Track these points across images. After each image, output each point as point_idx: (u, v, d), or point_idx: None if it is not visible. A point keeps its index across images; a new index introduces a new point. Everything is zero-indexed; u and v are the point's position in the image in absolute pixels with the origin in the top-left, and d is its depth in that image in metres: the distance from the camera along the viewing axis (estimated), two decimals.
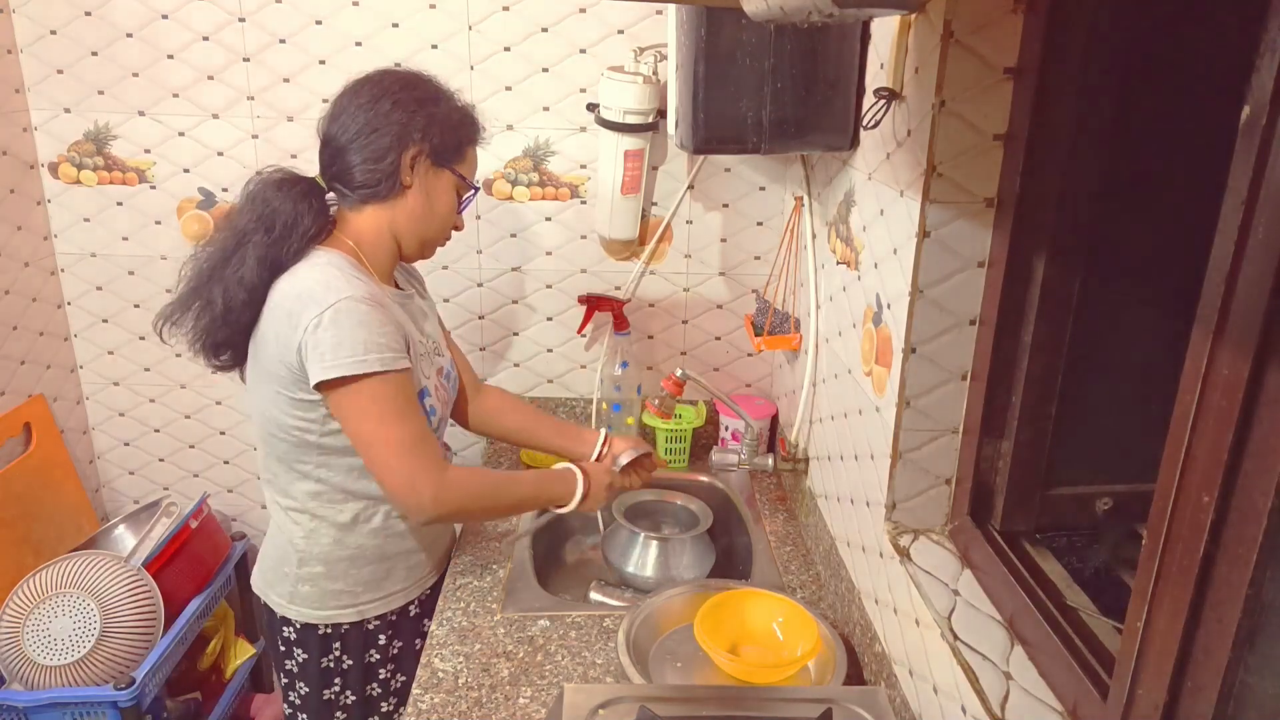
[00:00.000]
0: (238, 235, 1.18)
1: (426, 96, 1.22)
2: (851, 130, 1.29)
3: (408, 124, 1.19)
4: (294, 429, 1.20)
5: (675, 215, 1.83)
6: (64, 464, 1.87)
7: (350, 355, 1.11)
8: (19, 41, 1.71)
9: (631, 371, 1.84)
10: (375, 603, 1.32)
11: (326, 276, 1.14)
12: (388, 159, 1.19)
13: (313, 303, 1.11)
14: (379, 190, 1.21)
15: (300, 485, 1.25)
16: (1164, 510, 0.60)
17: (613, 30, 1.69)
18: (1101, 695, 0.74)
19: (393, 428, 1.15)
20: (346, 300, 1.11)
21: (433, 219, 1.26)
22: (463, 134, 1.25)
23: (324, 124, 1.22)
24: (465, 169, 1.27)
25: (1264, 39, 0.50)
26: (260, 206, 1.18)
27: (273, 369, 1.16)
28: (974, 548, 1.03)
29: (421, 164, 1.21)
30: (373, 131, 1.18)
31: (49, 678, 1.52)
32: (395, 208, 1.23)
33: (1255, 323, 0.51)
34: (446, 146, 1.23)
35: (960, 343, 1.04)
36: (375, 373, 1.12)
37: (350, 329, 1.11)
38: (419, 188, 1.22)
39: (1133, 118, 0.87)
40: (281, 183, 1.20)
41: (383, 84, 1.20)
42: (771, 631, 1.23)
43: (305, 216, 1.18)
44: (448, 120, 1.22)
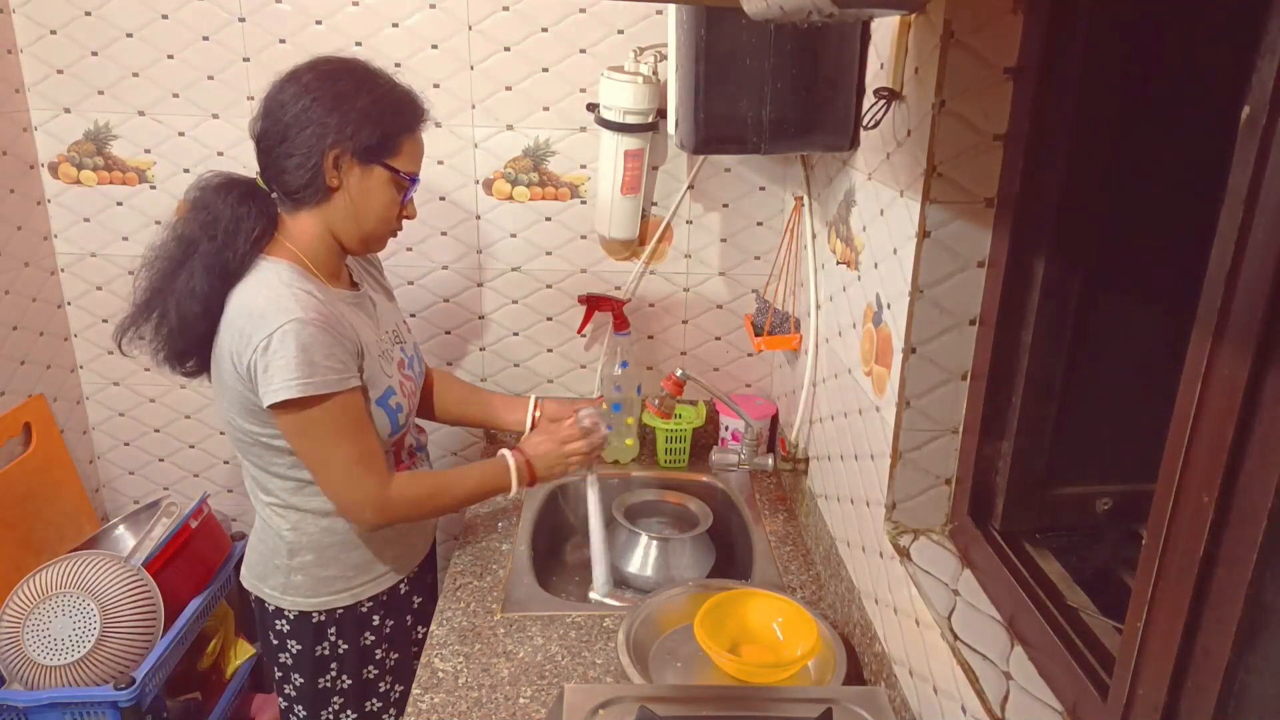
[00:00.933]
0: (184, 244, 1.18)
1: (345, 90, 1.16)
2: (851, 130, 1.29)
3: (325, 123, 1.14)
4: (260, 435, 1.22)
5: (675, 215, 1.83)
6: (64, 464, 1.86)
7: (296, 378, 1.12)
8: (19, 41, 1.70)
9: (631, 371, 1.84)
10: (368, 584, 1.34)
11: (276, 294, 1.14)
12: (310, 161, 1.16)
13: (263, 323, 1.12)
14: (307, 194, 1.19)
15: (278, 483, 1.27)
16: (1164, 510, 0.60)
17: (613, 30, 1.69)
18: (1101, 695, 0.74)
19: (335, 448, 1.18)
20: (293, 322, 1.11)
21: (368, 216, 1.22)
22: (391, 125, 1.19)
23: (253, 123, 1.19)
24: (400, 161, 1.21)
25: (1264, 39, 0.50)
26: (202, 213, 1.18)
27: (231, 383, 1.18)
28: (974, 548, 1.03)
29: (346, 163, 1.17)
30: (297, 133, 1.15)
31: (49, 678, 1.52)
32: (327, 210, 1.20)
33: (1255, 323, 0.51)
34: (371, 142, 1.17)
35: (960, 343, 1.04)
36: (319, 395, 1.13)
37: (296, 352, 1.11)
38: (347, 188, 1.19)
39: (1132, 118, 0.87)
40: (221, 187, 1.19)
41: (302, 79, 1.16)
42: (771, 632, 1.23)
43: (247, 219, 1.17)
44: (369, 114, 1.16)
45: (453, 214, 1.81)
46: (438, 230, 1.82)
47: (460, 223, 1.82)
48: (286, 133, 1.15)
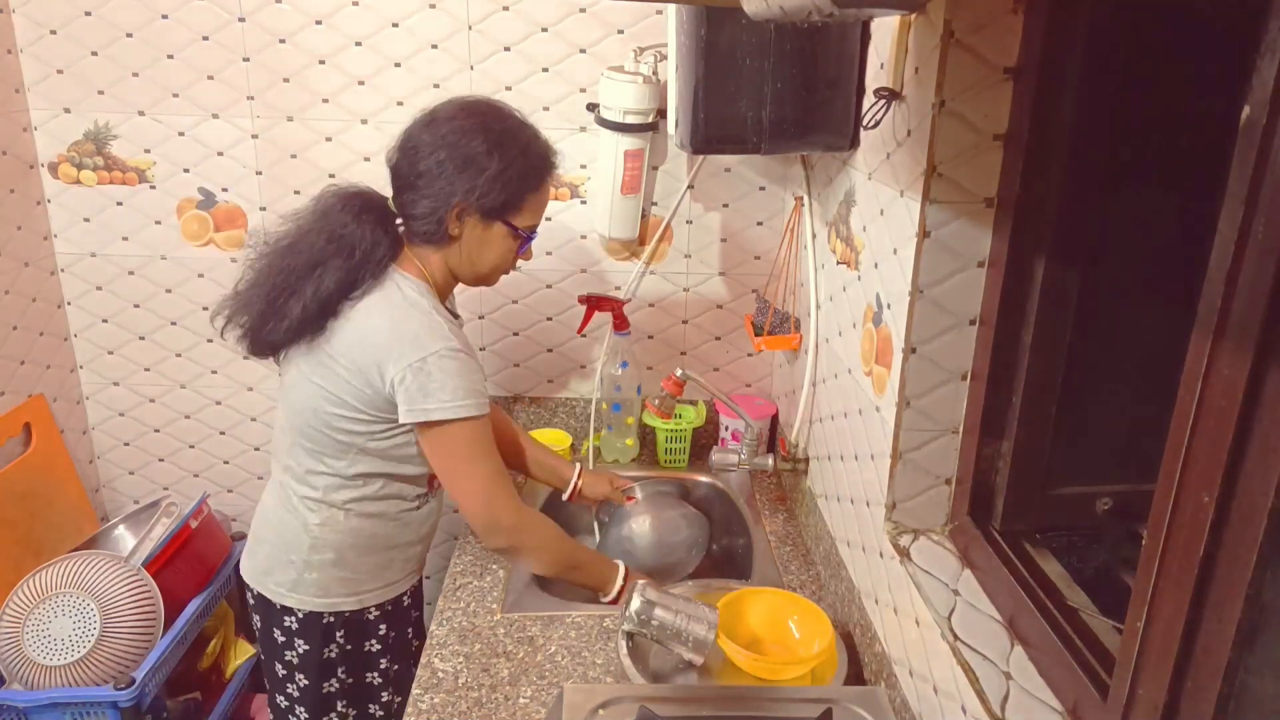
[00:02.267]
0: (314, 254, 1.21)
1: (479, 154, 1.19)
2: (851, 130, 1.29)
3: (453, 183, 1.19)
4: (344, 431, 1.24)
5: (675, 215, 1.83)
6: (64, 464, 1.86)
7: (451, 401, 1.19)
8: (19, 41, 1.70)
9: (631, 371, 1.84)
10: (375, 591, 1.36)
11: (429, 320, 1.20)
12: (436, 214, 1.22)
13: (417, 344, 1.18)
14: (430, 237, 1.25)
15: (325, 479, 1.29)
16: (1164, 510, 0.60)
17: (613, 30, 1.69)
18: (1101, 695, 0.74)
19: (483, 464, 1.25)
20: (449, 349, 1.19)
21: (484, 264, 1.28)
22: (518, 187, 1.23)
23: (391, 154, 1.25)
24: (521, 218, 1.26)
25: (1264, 39, 0.50)
26: (336, 228, 1.22)
27: (347, 380, 1.21)
28: (974, 548, 1.03)
29: (469, 219, 1.23)
30: (427, 183, 1.21)
31: (49, 678, 1.52)
32: (448, 252, 1.27)
33: (1255, 323, 0.51)
34: (497, 204, 1.22)
35: (960, 343, 1.04)
36: (470, 418, 1.20)
37: (453, 376, 1.18)
38: (467, 238, 1.25)
39: (1132, 117, 0.87)
40: (359, 208, 1.24)
41: (440, 130, 1.20)
42: (784, 629, 1.23)
43: (382, 244, 1.23)
44: (497, 180, 1.20)
45: None
46: None
47: None
48: (418, 181, 1.21)
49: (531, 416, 1.97)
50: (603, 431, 1.87)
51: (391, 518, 1.33)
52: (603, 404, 1.86)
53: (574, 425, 1.96)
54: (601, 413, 1.87)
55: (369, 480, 1.29)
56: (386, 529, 1.33)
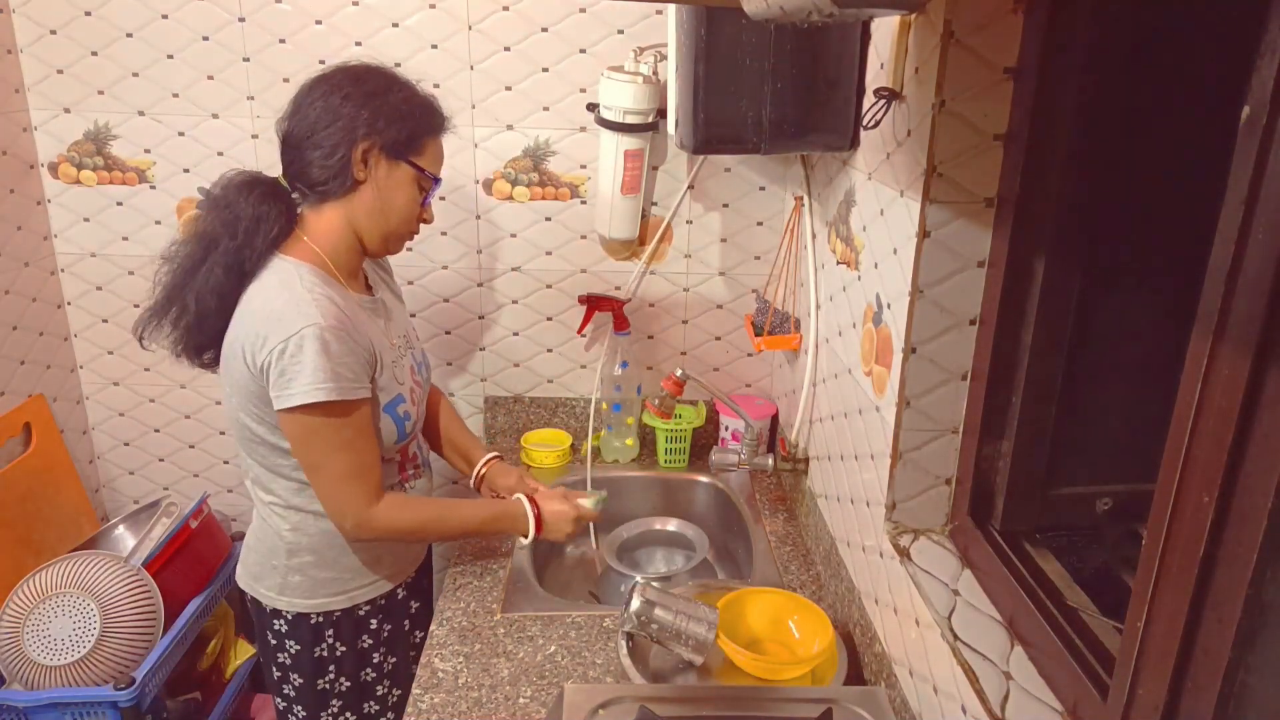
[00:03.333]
0: (205, 242, 1.20)
1: (376, 89, 1.20)
2: (851, 130, 1.29)
3: (355, 117, 1.18)
4: (267, 435, 1.22)
5: (675, 215, 1.83)
6: (64, 464, 1.86)
7: (309, 384, 1.13)
8: (19, 41, 1.70)
9: (631, 371, 1.84)
10: (365, 588, 1.34)
11: (297, 298, 1.15)
12: (338, 154, 1.19)
13: (280, 327, 1.13)
14: (333, 186, 1.21)
15: (280, 483, 1.27)
16: (1164, 510, 0.60)
17: (613, 30, 1.69)
18: (1101, 695, 0.74)
19: (336, 457, 1.19)
20: (312, 328, 1.13)
21: (392, 213, 1.25)
22: (417, 125, 1.23)
23: (281, 123, 1.23)
24: (424, 160, 1.25)
25: (1264, 39, 0.50)
26: (223, 211, 1.20)
27: (242, 382, 1.18)
28: (974, 548, 1.03)
29: (374, 158, 1.21)
30: (325, 128, 1.18)
31: (49, 678, 1.52)
32: (352, 203, 1.23)
33: (1255, 323, 0.51)
34: (400, 139, 1.21)
35: (960, 343, 1.04)
36: (329, 402, 1.15)
37: (311, 357, 1.13)
38: (373, 182, 1.22)
39: (1133, 117, 0.87)
40: (244, 185, 1.22)
41: (333, 79, 1.20)
42: (784, 629, 1.23)
43: (267, 219, 1.20)
44: (398, 111, 1.21)
45: (453, 214, 1.81)
46: (438, 230, 1.82)
47: (460, 223, 1.82)
48: (315, 127, 1.19)
49: (531, 416, 1.97)
50: (603, 431, 1.87)
51: None
52: (603, 404, 1.86)
53: (574, 425, 1.96)
54: (601, 413, 1.87)
55: None
56: None
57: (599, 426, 1.88)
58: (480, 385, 1.95)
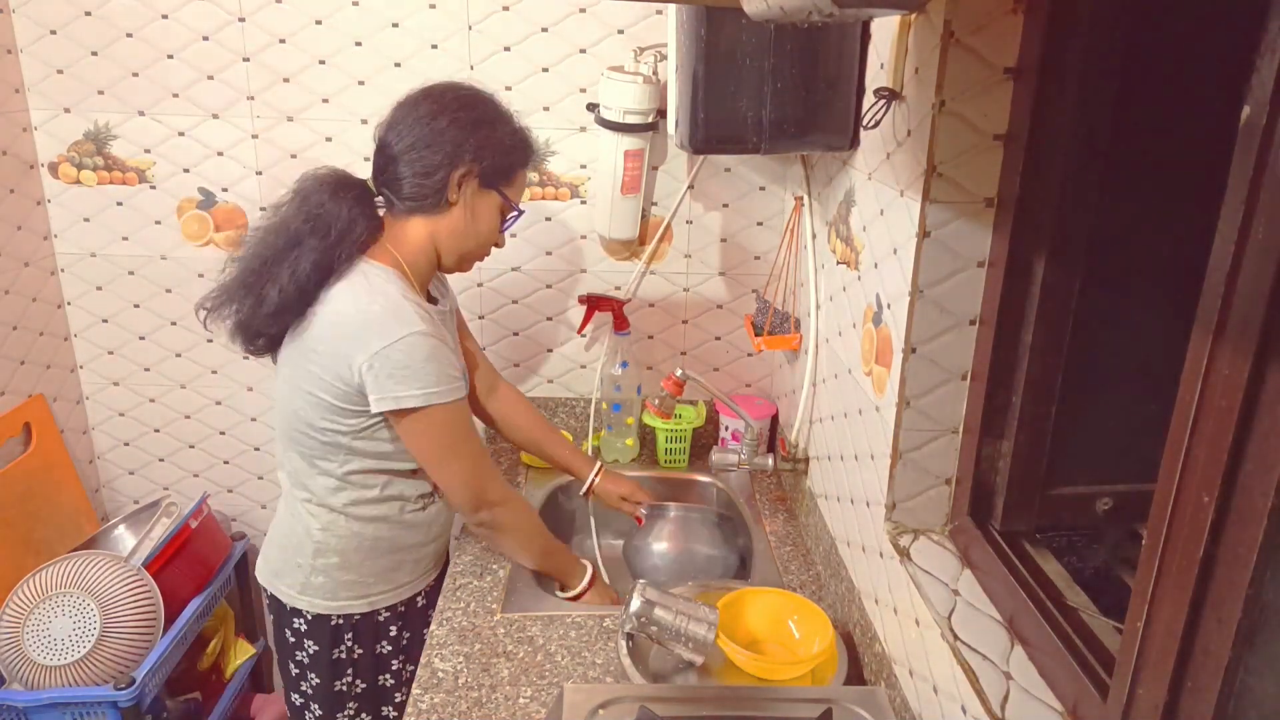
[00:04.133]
0: (291, 236, 1.21)
1: (484, 118, 1.24)
2: (851, 130, 1.29)
3: (461, 144, 1.21)
4: (327, 430, 1.23)
5: (675, 215, 1.83)
6: (64, 464, 1.87)
7: (423, 388, 1.18)
8: (19, 41, 1.70)
9: (631, 371, 1.84)
10: (386, 594, 1.36)
11: (396, 305, 1.19)
12: (437, 175, 1.21)
13: (383, 331, 1.16)
14: (425, 204, 1.24)
15: (321, 481, 1.28)
16: (1164, 510, 0.60)
17: (613, 30, 1.69)
18: (1101, 695, 0.74)
19: (460, 448, 1.26)
20: (417, 334, 1.17)
21: (473, 236, 1.28)
22: (515, 158, 1.28)
23: (380, 130, 1.25)
24: (512, 191, 1.29)
25: (1264, 39, 0.50)
26: (313, 208, 1.21)
27: (319, 375, 1.20)
28: (974, 548, 1.03)
29: (469, 184, 1.24)
30: (426, 146, 1.20)
31: (49, 678, 1.52)
32: (439, 222, 1.26)
33: (1255, 323, 0.51)
34: (496, 169, 1.25)
35: (960, 343, 1.04)
36: (444, 403, 1.20)
37: (422, 362, 1.17)
38: (464, 205, 1.25)
39: (1133, 118, 0.87)
40: (335, 186, 1.23)
41: (443, 100, 1.22)
42: (784, 629, 1.22)
43: (359, 223, 1.22)
44: (501, 144, 1.25)
45: None
46: None
47: None
48: (415, 144, 1.21)
49: None
50: (603, 431, 1.87)
51: (395, 520, 1.33)
52: (603, 404, 1.86)
53: (574, 425, 1.96)
54: (601, 413, 1.86)
55: (365, 482, 1.28)
56: (392, 532, 1.33)
57: (599, 426, 1.88)
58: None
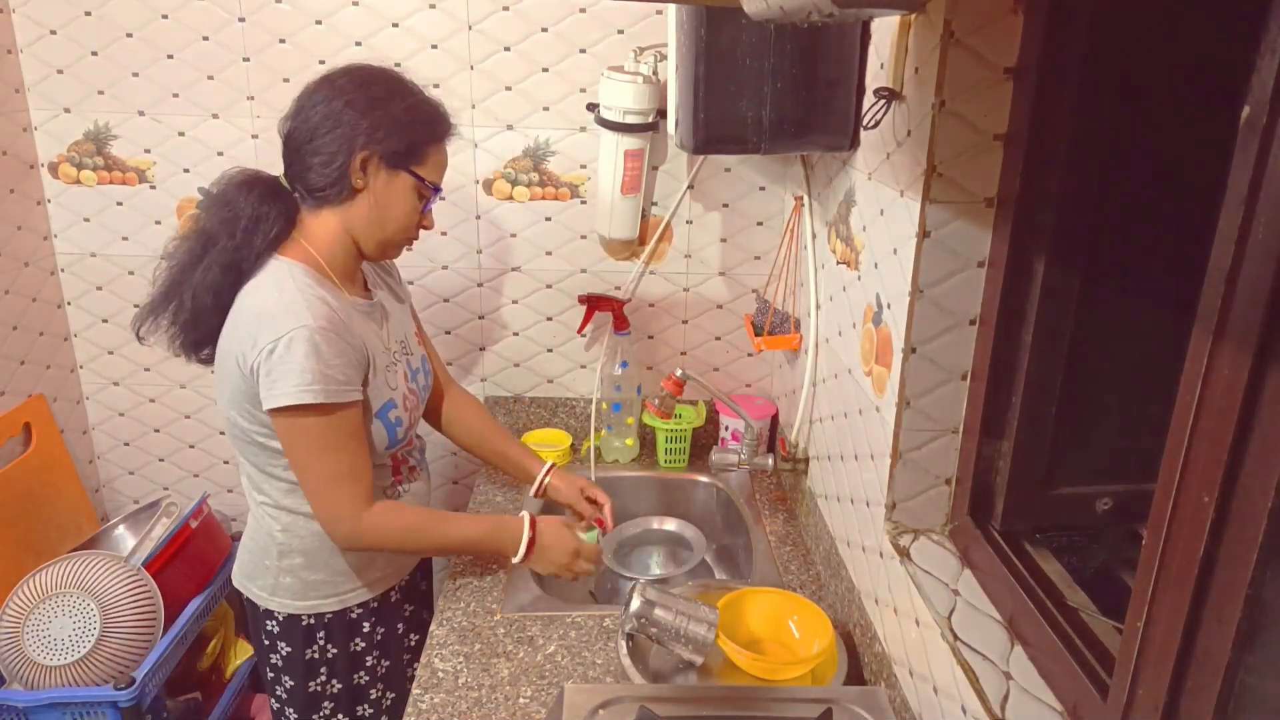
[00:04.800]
0: (204, 239, 1.20)
1: (379, 95, 1.18)
2: (851, 130, 1.29)
3: (356, 125, 1.16)
4: (256, 435, 1.22)
5: (675, 215, 1.83)
6: (64, 464, 1.87)
7: (296, 385, 1.12)
8: (19, 41, 1.70)
9: (631, 371, 1.84)
10: (356, 590, 1.33)
11: (288, 298, 1.15)
12: (337, 161, 1.17)
13: (271, 326, 1.13)
14: (330, 193, 1.20)
15: (272, 484, 1.26)
16: (1164, 510, 0.60)
17: (613, 30, 1.69)
18: (1101, 695, 0.74)
19: (325, 459, 1.18)
20: (303, 329, 1.12)
21: (389, 221, 1.23)
22: (420, 134, 1.21)
23: (283, 122, 1.21)
24: (425, 170, 1.23)
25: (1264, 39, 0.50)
26: (223, 209, 1.19)
27: (234, 380, 1.18)
28: (974, 548, 1.03)
29: (373, 167, 1.19)
30: (325, 134, 1.16)
31: (49, 678, 1.52)
32: (349, 210, 1.21)
33: (1255, 323, 0.51)
34: (400, 149, 1.19)
35: (960, 343, 1.04)
36: (318, 404, 1.14)
37: (301, 358, 1.12)
38: (371, 190, 1.20)
39: (1133, 117, 0.87)
40: (245, 183, 1.21)
41: (337, 83, 1.18)
42: (784, 629, 1.23)
43: (266, 219, 1.19)
44: (401, 120, 1.18)
45: (453, 214, 1.81)
46: (438, 230, 1.82)
47: (460, 223, 1.82)
48: (315, 132, 1.17)
49: (531, 416, 1.97)
50: (603, 431, 1.87)
51: None
52: (603, 404, 1.86)
53: (574, 425, 1.96)
54: (601, 413, 1.87)
55: None
56: None
57: (599, 426, 1.88)
58: (480, 385, 1.95)
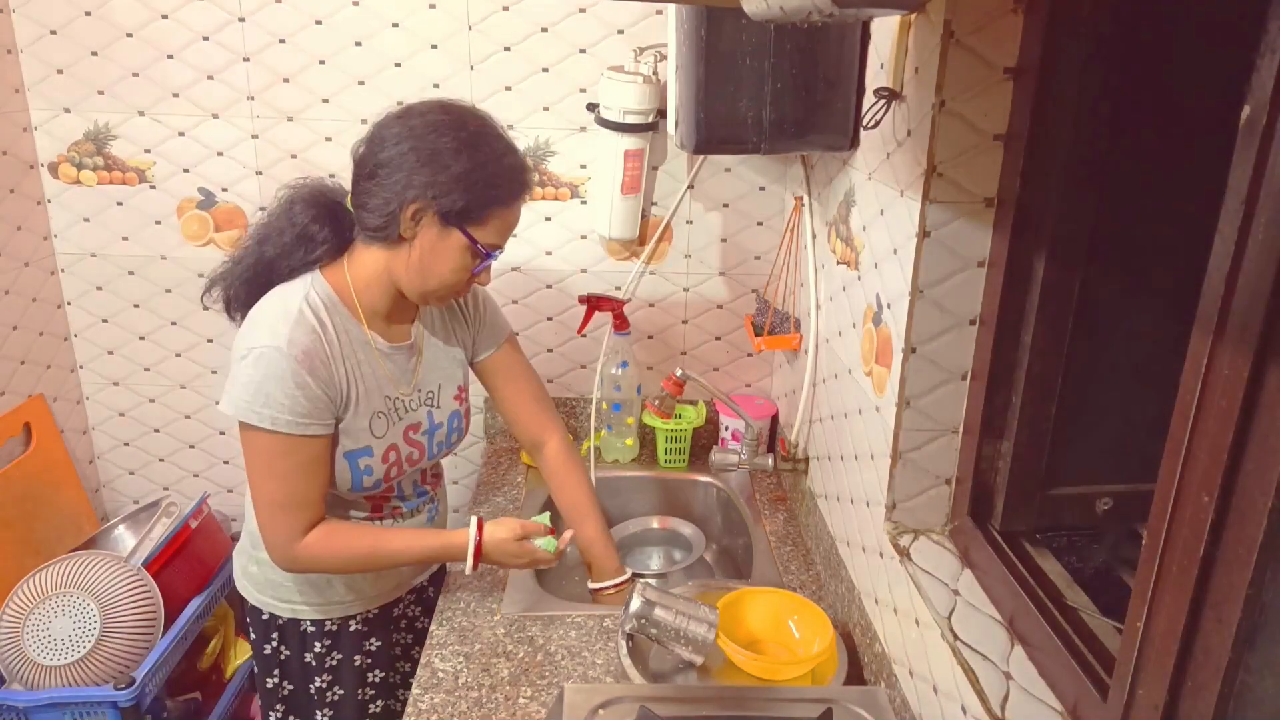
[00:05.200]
0: (258, 238, 1.20)
1: (449, 148, 1.10)
2: (851, 130, 1.29)
3: (413, 175, 1.09)
4: None
5: (675, 215, 1.83)
6: (64, 464, 1.86)
7: (249, 402, 1.11)
8: (19, 41, 1.70)
9: (631, 371, 1.84)
10: (310, 607, 1.32)
11: (280, 314, 1.14)
12: (390, 206, 1.11)
13: (253, 334, 1.14)
14: (379, 234, 1.15)
15: None
16: (1164, 510, 0.60)
17: (613, 30, 1.69)
18: (1101, 695, 0.74)
19: (267, 483, 1.16)
20: (273, 350, 1.10)
21: (431, 276, 1.16)
22: (483, 196, 1.12)
23: (356, 146, 1.16)
24: (483, 232, 1.14)
25: (1264, 39, 0.50)
26: (283, 219, 1.20)
27: None
28: (974, 548, 1.03)
29: (426, 219, 1.12)
30: (387, 174, 1.11)
31: (49, 678, 1.52)
32: (395, 255, 1.16)
33: (1255, 323, 0.51)
34: (456, 208, 1.11)
35: (960, 343, 1.04)
36: (262, 429, 1.12)
37: (261, 379, 1.10)
38: (420, 242, 1.14)
39: (1133, 117, 0.87)
40: (309, 199, 1.20)
41: (411, 123, 1.11)
42: (784, 629, 1.22)
43: (314, 241, 1.18)
44: (465, 179, 1.10)
45: None
46: None
47: None
48: (377, 170, 1.12)
49: None
50: (603, 431, 1.87)
51: None
52: (603, 404, 1.86)
53: (574, 425, 1.96)
54: (601, 413, 1.86)
55: None
56: None
57: (599, 426, 1.88)
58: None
